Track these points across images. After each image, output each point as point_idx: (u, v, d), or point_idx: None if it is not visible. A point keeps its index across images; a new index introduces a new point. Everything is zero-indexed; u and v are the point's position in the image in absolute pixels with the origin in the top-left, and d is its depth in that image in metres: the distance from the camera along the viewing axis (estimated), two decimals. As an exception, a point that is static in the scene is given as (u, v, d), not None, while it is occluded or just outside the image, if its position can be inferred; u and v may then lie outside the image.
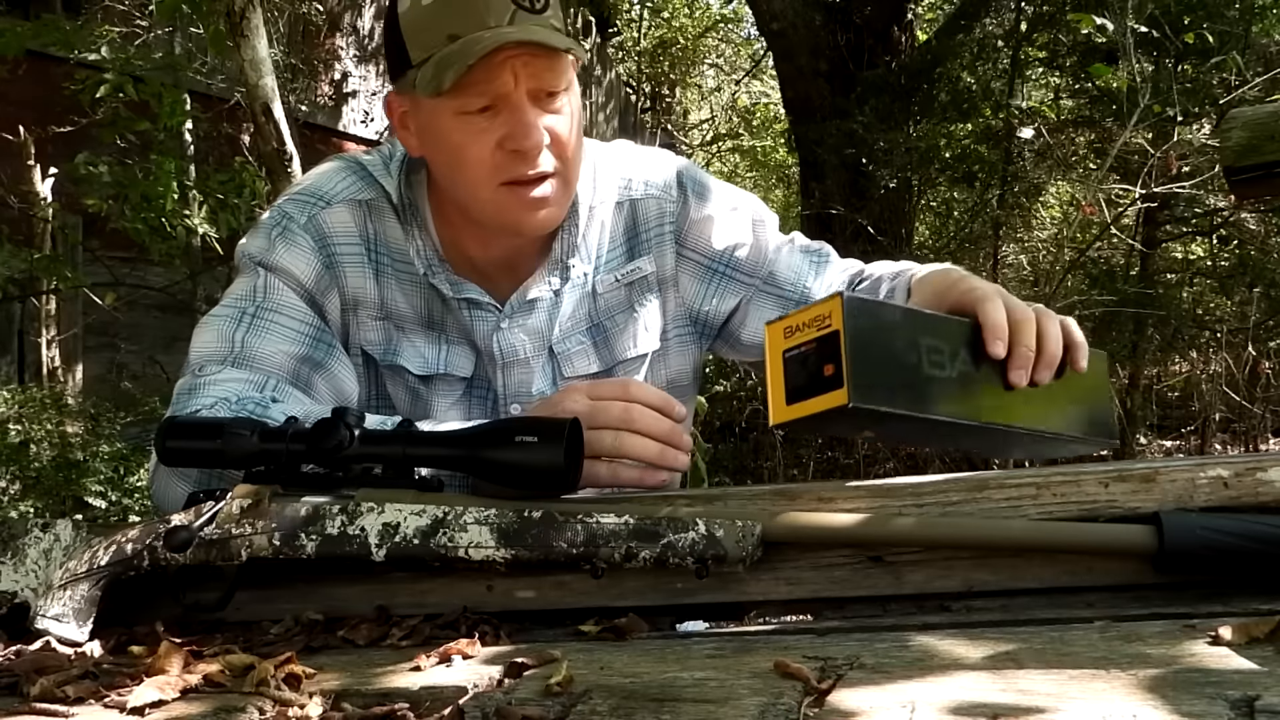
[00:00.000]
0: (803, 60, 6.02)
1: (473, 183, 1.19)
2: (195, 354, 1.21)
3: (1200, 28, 4.90)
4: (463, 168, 1.19)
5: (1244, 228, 5.93)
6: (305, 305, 1.24)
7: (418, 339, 1.29)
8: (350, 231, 1.26)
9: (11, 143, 6.31)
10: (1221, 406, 6.18)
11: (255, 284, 1.24)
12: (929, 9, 8.15)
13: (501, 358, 1.29)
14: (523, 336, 1.29)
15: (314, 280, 1.24)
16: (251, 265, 1.25)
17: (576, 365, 1.33)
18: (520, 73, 1.15)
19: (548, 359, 1.32)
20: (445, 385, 1.30)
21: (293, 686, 0.75)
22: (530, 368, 1.30)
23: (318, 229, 1.25)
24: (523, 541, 0.90)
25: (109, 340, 7.14)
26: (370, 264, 1.27)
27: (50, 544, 0.97)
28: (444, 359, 1.29)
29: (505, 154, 1.17)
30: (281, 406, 1.13)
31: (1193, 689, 0.63)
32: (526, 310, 1.29)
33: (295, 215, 1.26)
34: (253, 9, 3.43)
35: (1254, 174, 2.05)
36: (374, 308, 1.28)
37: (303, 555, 0.92)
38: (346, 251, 1.26)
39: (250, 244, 1.26)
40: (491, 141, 1.17)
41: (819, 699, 0.65)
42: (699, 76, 13.42)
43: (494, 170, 1.18)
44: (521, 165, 1.18)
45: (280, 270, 1.23)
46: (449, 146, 1.19)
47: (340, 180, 1.29)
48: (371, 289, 1.27)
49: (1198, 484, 0.91)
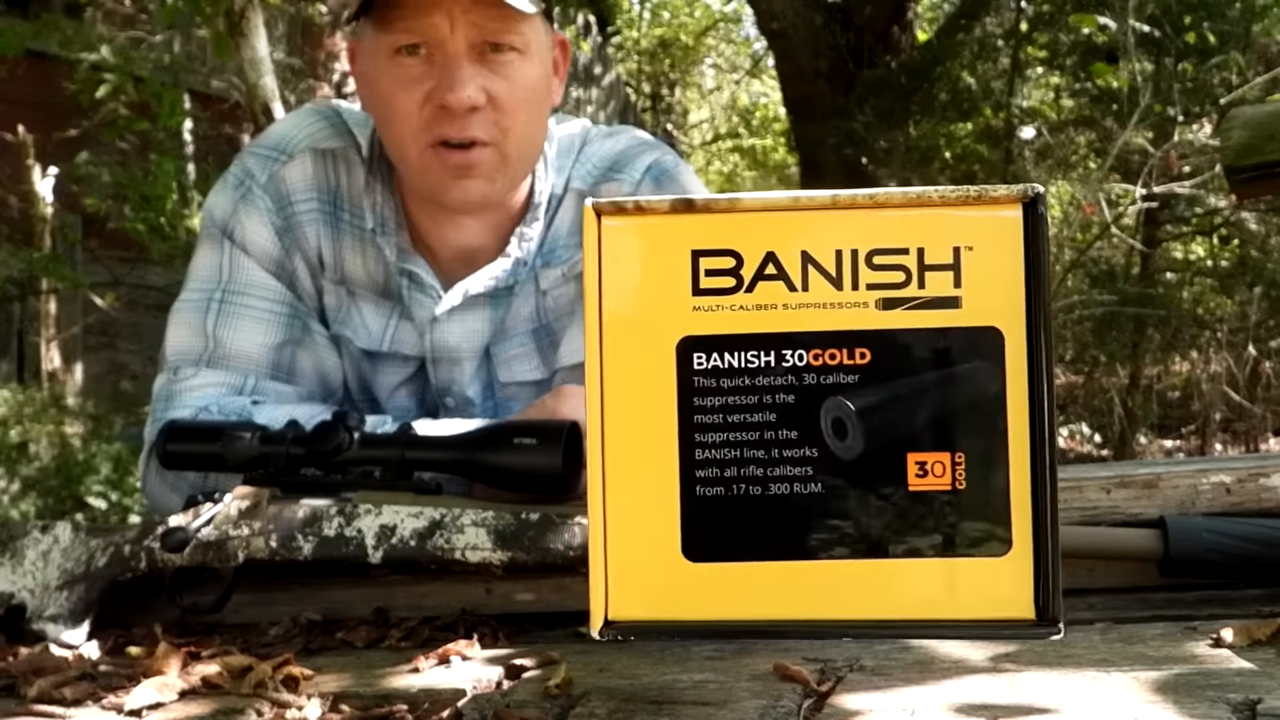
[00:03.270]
0: (803, 60, 6.02)
1: (401, 138, 1.11)
2: (170, 350, 1.17)
3: (1201, 27, 4.90)
4: (392, 120, 1.11)
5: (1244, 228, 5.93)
6: (274, 281, 1.18)
7: (366, 309, 1.21)
8: (307, 185, 1.19)
9: (11, 143, 6.31)
10: (1222, 406, 6.17)
11: (220, 261, 1.18)
12: (929, 9, 8.15)
13: (434, 351, 1.22)
14: (460, 334, 1.21)
15: (277, 249, 1.18)
16: (216, 234, 1.19)
17: (515, 370, 1.24)
18: (459, 19, 1.06)
19: (482, 360, 1.24)
20: (391, 365, 1.23)
21: (291, 688, 0.75)
22: (463, 368, 1.23)
23: (277, 189, 1.18)
24: (520, 544, 0.90)
25: (109, 340, 7.15)
26: (328, 220, 1.19)
27: (49, 545, 0.97)
28: (391, 335, 1.22)
29: (434, 109, 1.08)
30: (264, 409, 1.11)
31: (1194, 692, 0.63)
32: (468, 306, 1.20)
33: (256, 173, 1.19)
34: (253, 9, 3.43)
35: (1254, 174, 2.04)
36: (331, 269, 1.20)
37: (300, 557, 0.92)
38: (304, 209, 1.19)
39: (214, 204, 1.20)
40: (421, 93, 1.08)
41: (819, 701, 0.65)
42: (699, 76, 13.43)
43: (421, 126, 1.09)
44: (448, 125, 1.09)
45: (243, 243, 1.18)
46: (381, 94, 1.11)
47: (305, 128, 1.21)
48: (328, 249, 1.19)
49: (1200, 490, 0.91)
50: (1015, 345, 0.56)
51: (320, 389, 1.22)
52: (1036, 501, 0.56)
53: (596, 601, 0.57)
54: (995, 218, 0.57)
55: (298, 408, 1.11)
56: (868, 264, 0.57)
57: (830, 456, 0.57)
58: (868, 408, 0.57)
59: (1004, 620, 0.57)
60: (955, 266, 0.57)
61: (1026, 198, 0.56)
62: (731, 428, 0.57)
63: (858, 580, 0.57)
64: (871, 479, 0.57)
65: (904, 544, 0.57)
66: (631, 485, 0.57)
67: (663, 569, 0.57)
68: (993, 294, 0.57)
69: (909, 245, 0.57)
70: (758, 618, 0.58)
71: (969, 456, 0.56)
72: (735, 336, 0.57)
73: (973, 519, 0.57)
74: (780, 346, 0.57)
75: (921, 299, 0.57)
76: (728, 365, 0.57)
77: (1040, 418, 0.56)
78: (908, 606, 0.57)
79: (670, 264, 0.58)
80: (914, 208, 0.57)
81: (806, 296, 0.57)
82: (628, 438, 0.57)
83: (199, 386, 1.14)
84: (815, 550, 0.57)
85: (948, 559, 0.57)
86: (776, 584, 0.57)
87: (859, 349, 0.57)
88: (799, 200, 0.58)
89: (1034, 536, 0.56)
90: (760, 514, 0.57)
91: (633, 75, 11.94)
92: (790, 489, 0.57)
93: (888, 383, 0.57)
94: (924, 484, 0.57)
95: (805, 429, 0.57)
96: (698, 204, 0.58)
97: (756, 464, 0.57)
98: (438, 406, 1.25)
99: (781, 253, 0.57)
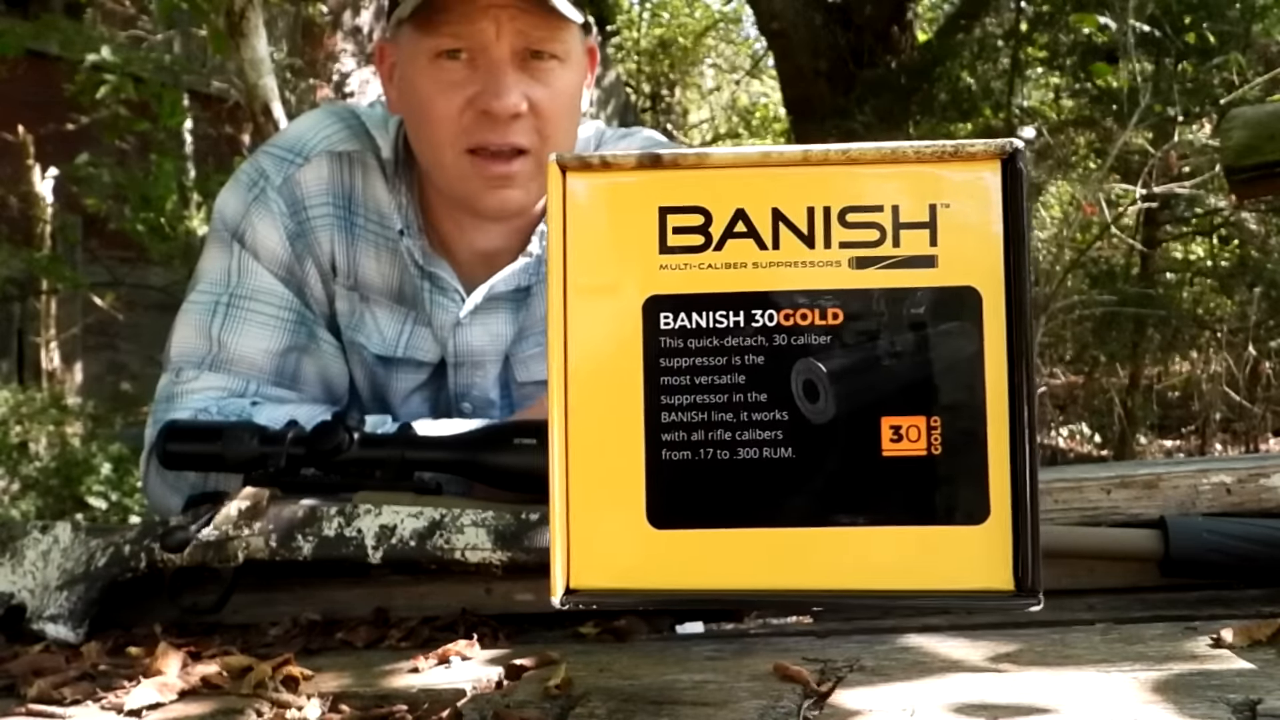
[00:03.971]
0: (803, 60, 6.02)
1: (437, 143, 1.10)
2: (174, 351, 1.16)
3: (1201, 27, 4.90)
4: (429, 124, 1.10)
5: (1244, 228, 5.93)
6: (282, 287, 1.17)
7: (381, 314, 1.20)
8: (322, 189, 1.17)
9: (11, 143, 6.31)
10: (1222, 406, 6.17)
11: (229, 265, 1.17)
12: (929, 9, 8.15)
13: (455, 356, 1.21)
14: (484, 337, 1.21)
15: (288, 254, 1.17)
16: (226, 236, 1.18)
17: (533, 370, 1.23)
18: (505, 25, 1.05)
19: (503, 363, 1.24)
20: (406, 370, 1.22)
21: (291, 688, 0.75)
22: (486, 371, 1.22)
23: (291, 192, 1.17)
24: (520, 544, 0.90)
25: (109, 340, 7.15)
26: (342, 225, 1.18)
27: (49, 545, 0.97)
28: (406, 341, 1.21)
29: (475, 115, 1.08)
30: (264, 409, 1.10)
31: (1194, 692, 0.63)
32: (491, 308, 1.21)
33: (271, 175, 1.17)
34: (253, 9, 3.43)
35: (1254, 174, 2.04)
36: (344, 275, 1.19)
37: (299, 557, 0.92)
38: (318, 214, 1.18)
39: (226, 203, 1.19)
40: (462, 98, 1.07)
41: (819, 701, 0.65)
42: (699, 76, 13.43)
43: (460, 132, 1.09)
44: (489, 131, 1.08)
45: (254, 247, 1.17)
46: (419, 97, 1.10)
47: (322, 130, 1.20)
48: (341, 254, 1.18)
49: (1200, 490, 0.91)
50: (993, 306, 0.54)
51: (325, 397, 1.21)
52: (1015, 468, 0.54)
53: (557, 569, 0.55)
54: (973, 174, 0.55)
55: (298, 408, 1.11)
56: (840, 222, 0.55)
57: (801, 420, 0.55)
58: (840, 370, 0.55)
59: (981, 591, 0.55)
60: (931, 224, 0.55)
61: (1005, 153, 0.54)
62: (699, 390, 0.55)
63: (829, 549, 0.55)
64: (844, 444, 0.55)
65: (877, 511, 0.55)
66: (594, 449, 0.55)
67: (627, 536, 0.55)
68: (970, 253, 0.55)
69: (883, 203, 0.55)
70: (725, 587, 0.56)
71: (945, 421, 0.54)
72: (704, 296, 0.55)
73: (949, 486, 0.55)
74: (750, 306, 0.55)
75: (896, 258, 0.55)
76: (695, 325, 0.55)
77: (1020, 381, 0.54)
78: (881, 576, 0.55)
79: (637, 221, 0.56)
80: (888, 164, 0.55)
81: (777, 255, 0.56)
82: (591, 399, 0.55)
83: (200, 389, 1.13)
84: (785, 517, 0.55)
85: (923, 527, 0.55)
86: (744, 552, 0.55)
87: (831, 309, 0.55)
88: (769, 156, 0.56)
89: (1013, 505, 0.54)
90: (728, 479, 0.55)
91: (632, 75, 11.94)
92: (759, 453, 0.55)
93: (861, 344, 0.55)
94: (898, 449, 0.55)
95: (775, 391, 0.55)
96: (665, 159, 0.56)
97: (725, 427, 0.55)
98: (452, 411, 1.24)
99: (752, 210, 0.56)
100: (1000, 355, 0.54)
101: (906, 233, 0.55)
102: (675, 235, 0.56)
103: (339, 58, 8.28)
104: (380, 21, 7.71)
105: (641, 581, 0.56)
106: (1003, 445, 0.54)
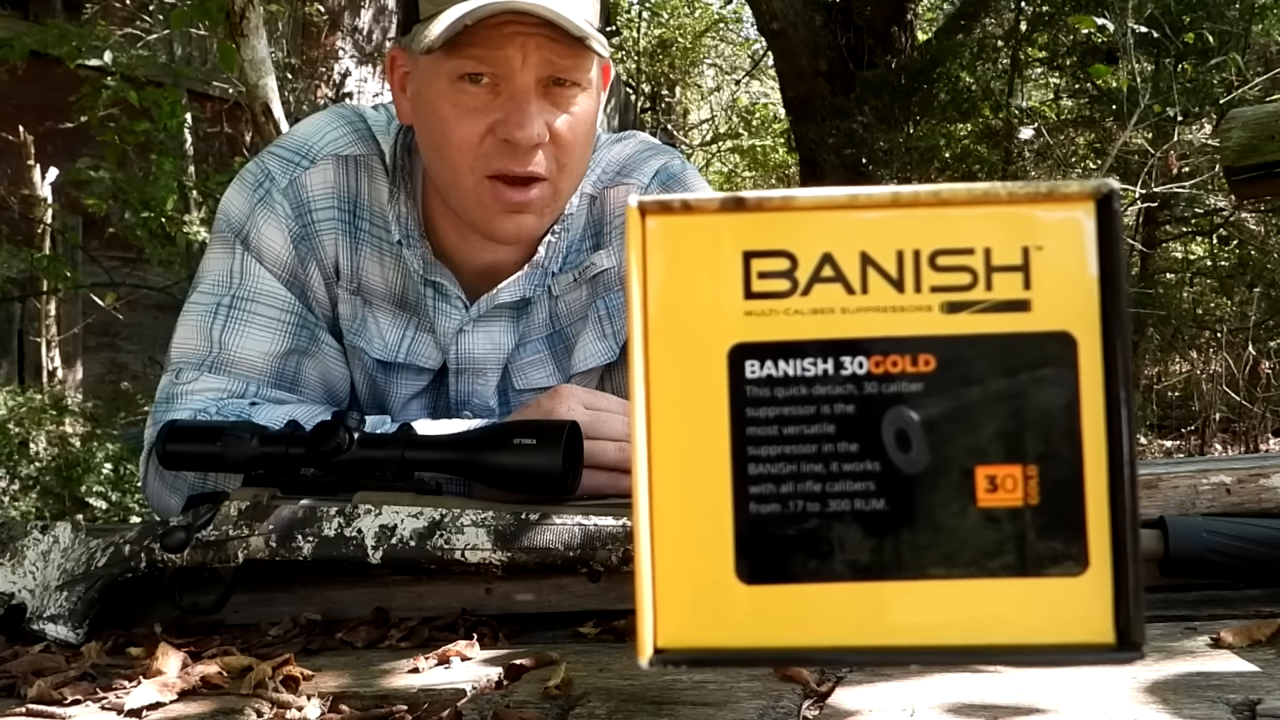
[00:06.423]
0: (803, 60, 6.02)
1: (456, 167, 1.10)
2: (175, 351, 1.16)
3: (1200, 28, 4.90)
4: (448, 147, 1.09)
5: (1244, 228, 5.94)
6: (284, 289, 1.17)
7: (383, 319, 1.20)
8: (328, 193, 1.17)
9: (11, 143, 6.31)
10: (1222, 406, 6.18)
11: (231, 266, 1.16)
12: (929, 9, 8.15)
13: (458, 362, 1.21)
14: (486, 345, 1.21)
15: (291, 257, 1.16)
16: (230, 237, 1.17)
17: (531, 377, 1.24)
18: (531, 54, 1.04)
19: (502, 369, 1.24)
20: (406, 376, 1.22)
21: (291, 688, 0.75)
22: (487, 379, 1.23)
23: (297, 195, 1.16)
24: (519, 544, 0.90)
25: (109, 340, 7.15)
26: (347, 229, 1.18)
27: (49, 546, 0.97)
28: (408, 346, 1.21)
29: (496, 142, 1.07)
30: (263, 409, 1.10)
31: (1194, 692, 0.63)
32: (494, 315, 1.21)
33: (277, 176, 1.17)
34: (253, 9, 3.43)
35: (1254, 174, 2.04)
36: (347, 279, 1.19)
37: (299, 557, 0.92)
38: (323, 217, 1.17)
39: (230, 203, 1.18)
40: (484, 124, 1.07)
41: (818, 701, 0.65)
42: (699, 76, 13.43)
43: (480, 158, 1.08)
44: (510, 160, 1.07)
45: (257, 249, 1.16)
46: (438, 118, 1.09)
47: (329, 132, 1.19)
48: (345, 258, 1.18)
49: (1200, 490, 0.91)
50: (1089, 351, 0.53)
51: (325, 400, 1.21)
52: (1115, 517, 0.52)
53: (644, 628, 0.53)
54: (1066, 215, 0.53)
55: (297, 408, 1.11)
56: (931, 265, 0.53)
57: (893, 470, 0.53)
58: (933, 418, 0.53)
59: (1081, 645, 0.53)
60: (1024, 267, 0.53)
61: (1099, 195, 0.53)
62: (787, 440, 0.53)
63: (922, 603, 0.53)
64: (938, 494, 0.53)
65: (973, 564, 0.53)
66: (680, 503, 0.53)
67: (715, 592, 0.53)
68: (1064, 297, 0.53)
69: (975, 245, 0.53)
70: (817, 644, 0.54)
71: (1042, 470, 0.53)
72: (791, 343, 0.53)
73: (1047, 536, 0.53)
74: (839, 353, 0.53)
75: (989, 302, 0.53)
76: (782, 374, 0.53)
77: (1118, 428, 0.52)
78: (978, 631, 0.53)
79: (720, 266, 0.54)
80: (980, 205, 0.54)
81: (866, 300, 0.53)
82: (675, 452, 0.53)
83: (199, 390, 1.13)
84: (876, 571, 0.53)
85: (1020, 579, 0.53)
86: (835, 607, 0.53)
87: (923, 355, 0.53)
88: (857, 198, 0.54)
89: (1113, 555, 0.52)
90: (819, 532, 0.53)
91: (632, 75, 11.94)
92: (851, 505, 0.53)
93: (954, 391, 0.53)
94: (994, 499, 0.53)
95: (866, 441, 0.53)
96: (749, 202, 0.54)
97: (815, 479, 0.53)
98: (450, 417, 1.24)
99: (839, 254, 0.54)
100: (1097, 401, 0.53)
101: (999, 276, 0.54)
102: (760, 280, 0.53)
103: (338, 56, 8.28)
104: (382, 23, 7.71)
105: (732, 640, 0.54)
106: (1101, 493, 0.53)
